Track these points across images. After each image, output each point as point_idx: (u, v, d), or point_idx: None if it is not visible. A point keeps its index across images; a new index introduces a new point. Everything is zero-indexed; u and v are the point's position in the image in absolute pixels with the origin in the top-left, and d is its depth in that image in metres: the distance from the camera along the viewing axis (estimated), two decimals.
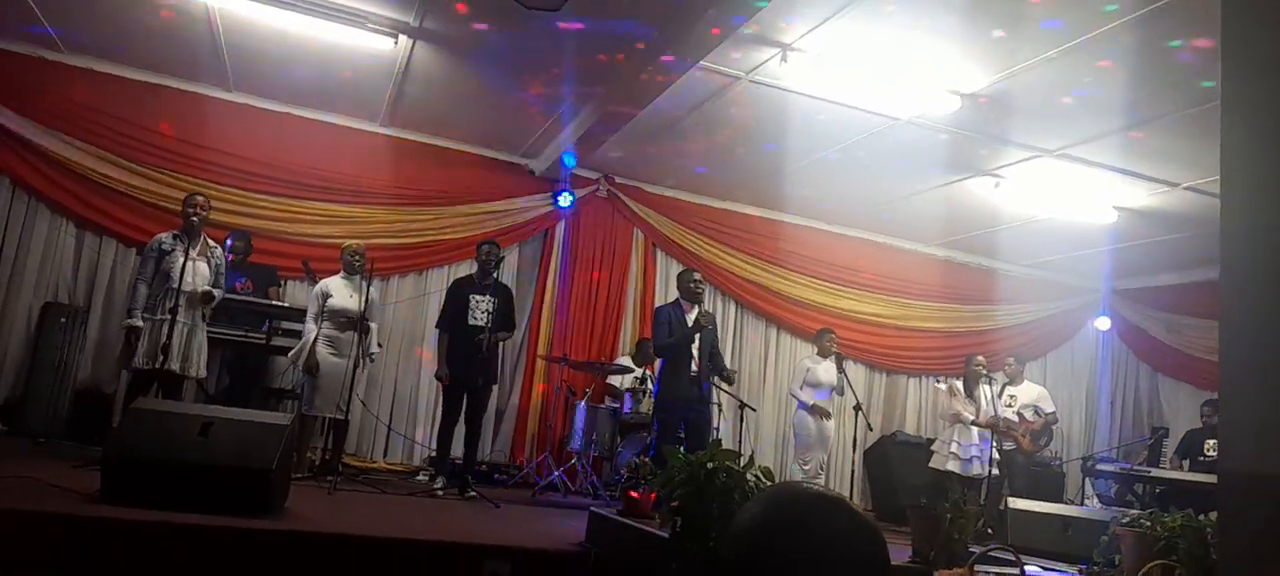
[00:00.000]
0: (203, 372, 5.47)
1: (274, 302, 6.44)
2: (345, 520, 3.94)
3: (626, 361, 7.73)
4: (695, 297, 6.28)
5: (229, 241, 6.57)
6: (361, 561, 3.40)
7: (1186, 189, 6.85)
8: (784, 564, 1.06)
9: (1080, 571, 3.89)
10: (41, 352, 6.53)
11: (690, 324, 6.07)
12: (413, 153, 7.82)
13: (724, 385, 6.41)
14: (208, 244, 5.48)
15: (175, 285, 5.15)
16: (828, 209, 8.67)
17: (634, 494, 3.83)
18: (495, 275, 6.21)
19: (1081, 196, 7.31)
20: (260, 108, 7.39)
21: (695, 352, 6.03)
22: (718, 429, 6.75)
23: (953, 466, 7.15)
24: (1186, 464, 7.57)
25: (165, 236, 5.38)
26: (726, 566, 1.09)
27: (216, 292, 5.41)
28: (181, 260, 5.20)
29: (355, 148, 7.63)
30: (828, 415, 7.29)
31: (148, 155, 7.01)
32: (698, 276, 6.48)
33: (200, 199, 5.47)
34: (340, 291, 5.95)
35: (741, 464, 2.95)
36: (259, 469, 3.69)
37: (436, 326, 6.30)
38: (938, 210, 8.19)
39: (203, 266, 5.37)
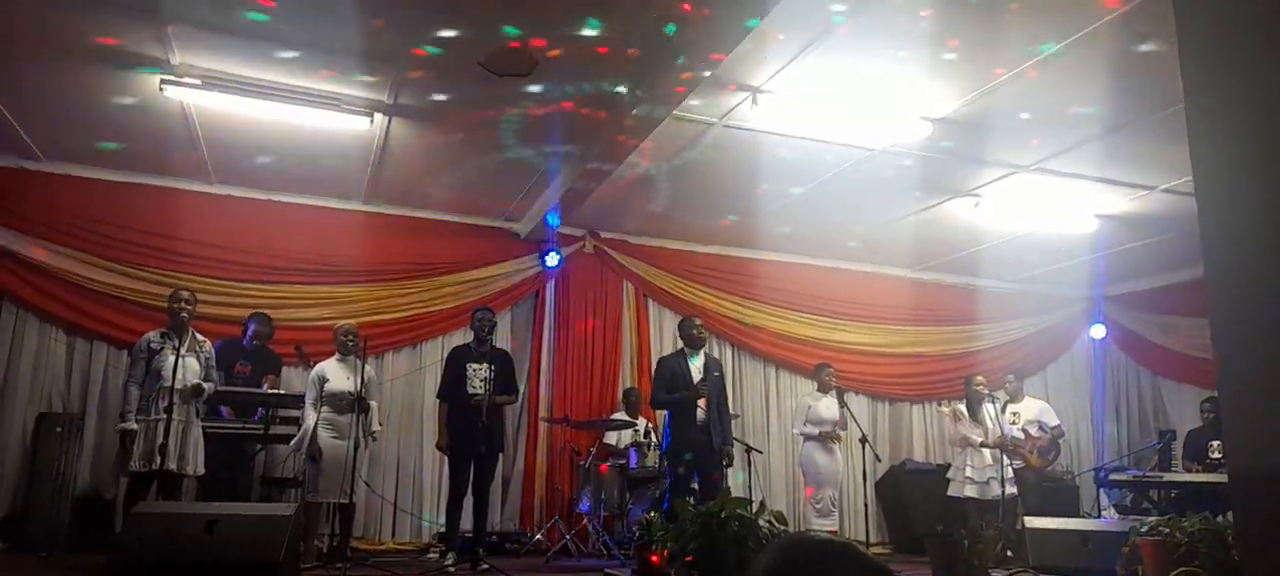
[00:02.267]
0: (201, 470, 5.40)
1: (271, 391, 6.39)
2: None
3: (622, 415, 7.69)
4: (697, 344, 6.29)
5: (251, 326, 6.55)
6: None
7: (1164, 191, 6.94)
8: None
9: None
10: (39, 464, 6.45)
11: (693, 370, 6.07)
12: (397, 227, 7.85)
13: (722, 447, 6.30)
14: (196, 339, 5.46)
15: (167, 383, 5.12)
16: (812, 244, 8.73)
17: (654, 558, 3.78)
18: (490, 340, 6.21)
19: (1062, 208, 7.38)
20: (242, 197, 7.42)
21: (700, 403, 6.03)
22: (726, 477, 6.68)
23: (970, 492, 7.10)
24: (1196, 466, 7.54)
25: (153, 335, 5.36)
26: None
27: (207, 386, 5.37)
28: (172, 358, 5.18)
29: (340, 228, 7.65)
30: (836, 438, 7.20)
31: (133, 255, 7.01)
32: (699, 323, 6.49)
33: (185, 294, 5.45)
34: (336, 374, 5.93)
35: (753, 510, 2.94)
36: (267, 561, 3.65)
37: (437, 396, 6.27)
38: (921, 234, 8.26)
39: (193, 362, 5.33)
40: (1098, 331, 10.00)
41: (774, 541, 1.22)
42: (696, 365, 6.18)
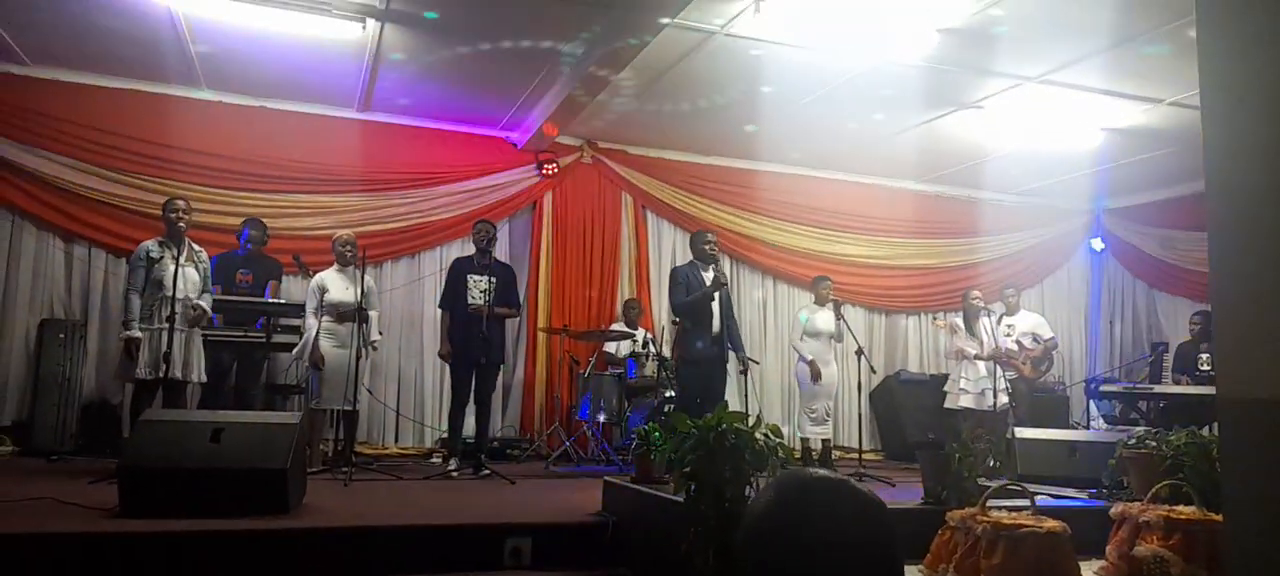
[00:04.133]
0: (203, 377, 5.48)
1: (273, 300, 6.42)
2: (364, 511, 3.98)
3: (621, 326, 7.75)
4: (710, 259, 6.30)
5: (246, 232, 6.54)
6: (383, 551, 3.44)
7: (1171, 105, 6.85)
8: (795, 549, 1.10)
9: (1090, 495, 3.96)
10: (44, 369, 6.54)
11: (707, 284, 6.11)
12: (393, 136, 7.76)
13: (737, 355, 6.41)
14: (194, 249, 5.45)
15: (168, 293, 5.14)
16: (813, 155, 8.64)
17: (652, 466, 3.87)
18: (492, 253, 6.22)
19: (1067, 120, 7.29)
20: (234, 104, 7.31)
21: (715, 311, 6.08)
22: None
23: (967, 402, 7.23)
24: (1184, 378, 7.65)
25: (151, 244, 5.35)
26: (741, 557, 1.13)
27: (206, 308, 5.41)
28: (171, 268, 5.18)
29: (335, 136, 7.56)
30: (819, 373, 7.23)
31: (125, 162, 6.95)
32: (712, 238, 6.48)
33: (181, 203, 5.41)
34: (336, 284, 5.95)
35: (749, 423, 2.99)
36: (274, 469, 3.72)
37: (438, 306, 6.32)
38: (923, 146, 8.18)
39: (192, 272, 5.34)
40: (1097, 244, 10.02)
41: (770, 481, 1.25)
42: (707, 278, 6.23)
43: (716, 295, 6.10)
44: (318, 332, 5.82)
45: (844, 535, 1.11)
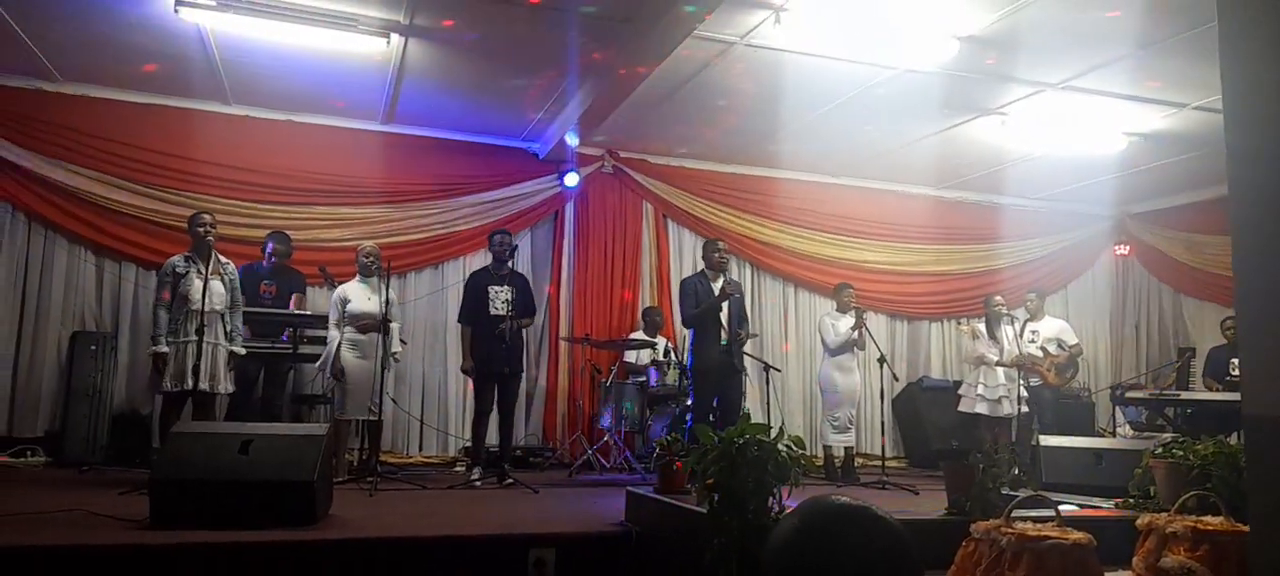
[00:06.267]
0: (231, 388, 5.56)
1: (297, 311, 6.50)
2: (389, 522, 4.01)
3: (641, 335, 7.77)
4: (720, 267, 6.34)
5: (269, 245, 6.64)
6: (408, 562, 3.48)
7: (1195, 109, 6.78)
8: (820, 574, 1.11)
9: (1117, 504, 3.92)
10: (75, 381, 6.65)
11: (716, 293, 6.13)
12: (416, 148, 7.84)
13: (746, 348, 6.45)
14: (220, 261, 5.53)
15: (195, 306, 5.22)
16: (834, 163, 8.63)
17: (676, 475, 3.89)
18: (510, 264, 6.26)
19: (1090, 126, 7.24)
20: (261, 118, 7.42)
21: (724, 321, 6.10)
22: (744, 395, 6.78)
23: (981, 409, 7.18)
24: (1216, 384, 7.56)
25: (178, 259, 5.43)
26: None
27: (240, 352, 5.53)
28: (198, 282, 5.27)
29: (359, 149, 7.66)
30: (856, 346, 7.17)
31: (153, 177, 7.06)
32: (722, 246, 6.52)
33: (206, 217, 5.51)
34: (359, 295, 6.01)
35: (771, 435, 3.00)
36: (302, 481, 3.77)
37: (459, 320, 6.36)
38: (944, 152, 8.15)
39: (218, 286, 5.41)
40: (1123, 249, 9.92)
41: (798, 508, 1.26)
42: (717, 288, 6.24)
43: (724, 305, 6.11)
44: (340, 344, 5.88)
45: (867, 565, 1.12)
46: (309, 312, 6.57)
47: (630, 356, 7.54)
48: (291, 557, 3.37)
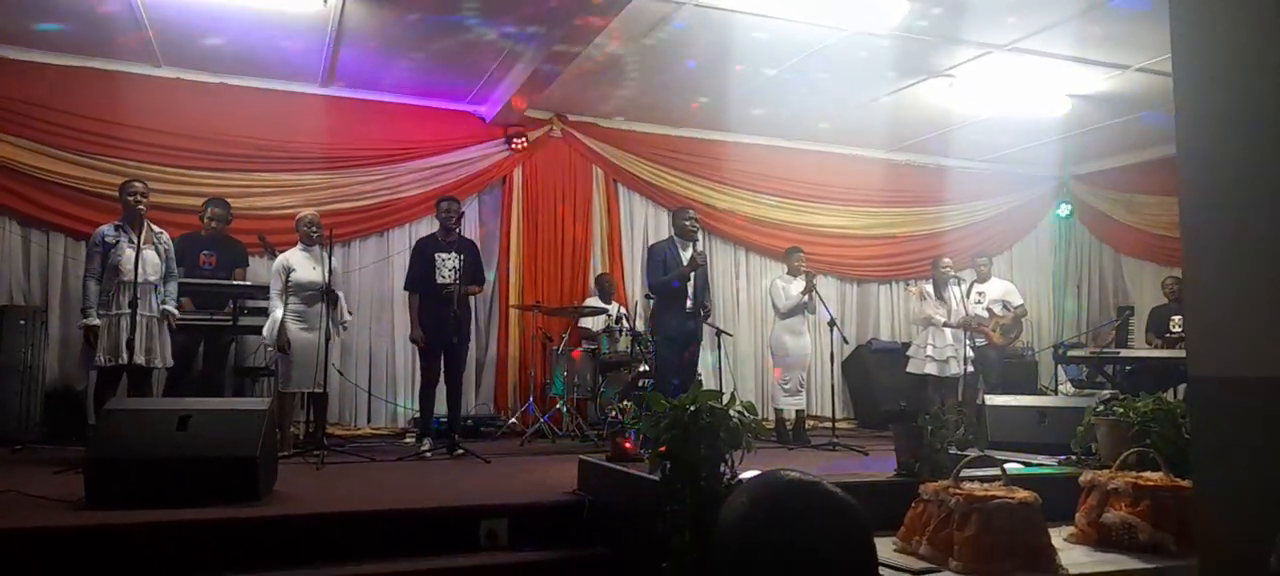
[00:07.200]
0: (170, 362, 5.38)
1: (238, 282, 6.31)
2: (337, 496, 3.93)
3: (595, 302, 7.72)
4: (689, 235, 6.33)
5: (208, 210, 6.41)
6: (357, 537, 3.41)
7: (1138, 71, 6.90)
8: (770, 558, 1.09)
9: (1060, 462, 4.01)
10: (5, 357, 6.35)
11: (685, 262, 6.12)
12: (358, 112, 7.62)
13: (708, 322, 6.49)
14: (153, 230, 5.33)
15: (127, 278, 5.02)
16: (784, 126, 8.62)
17: (627, 444, 3.86)
18: (458, 231, 6.15)
19: (1035, 88, 7.33)
20: (193, 80, 7.12)
21: (690, 289, 6.11)
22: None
23: (930, 369, 7.31)
24: (1157, 340, 7.79)
25: (107, 228, 5.22)
26: (719, 562, 1.13)
27: (174, 311, 5.33)
28: (129, 252, 5.07)
29: (298, 113, 7.41)
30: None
31: (82, 143, 6.75)
32: (693, 215, 6.54)
33: (138, 185, 5.30)
34: (302, 264, 5.85)
35: (724, 401, 2.98)
36: (244, 456, 3.66)
37: (405, 287, 6.24)
38: (894, 115, 8.19)
39: (151, 254, 5.22)
40: (1064, 209, 10.13)
41: (746, 484, 1.23)
42: (685, 256, 6.24)
43: (692, 274, 6.13)
44: (284, 315, 5.72)
45: (819, 541, 1.10)
46: (249, 283, 6.37)
47: (584, 323, 7.49)
48: (235, 535, 3.28)
